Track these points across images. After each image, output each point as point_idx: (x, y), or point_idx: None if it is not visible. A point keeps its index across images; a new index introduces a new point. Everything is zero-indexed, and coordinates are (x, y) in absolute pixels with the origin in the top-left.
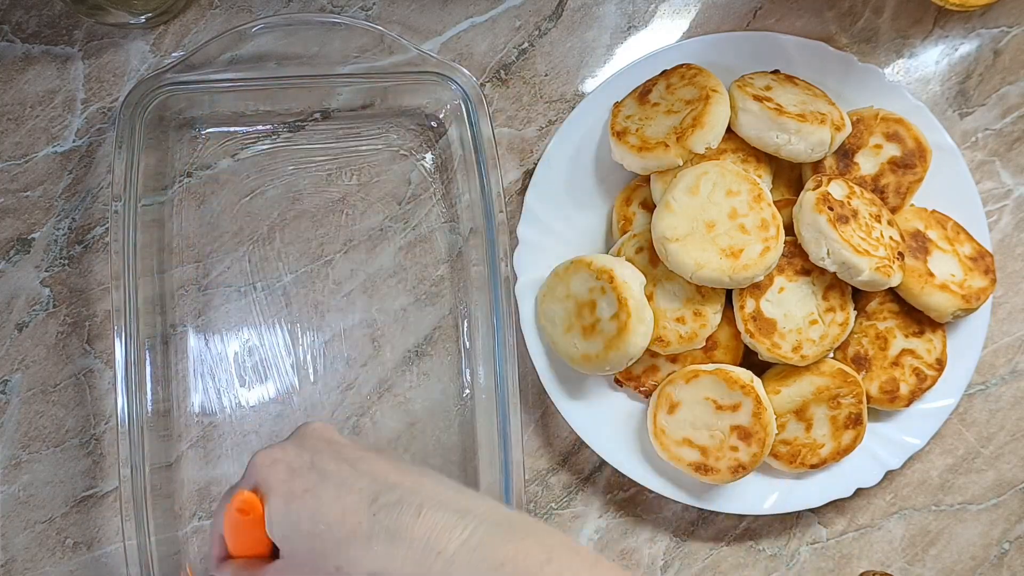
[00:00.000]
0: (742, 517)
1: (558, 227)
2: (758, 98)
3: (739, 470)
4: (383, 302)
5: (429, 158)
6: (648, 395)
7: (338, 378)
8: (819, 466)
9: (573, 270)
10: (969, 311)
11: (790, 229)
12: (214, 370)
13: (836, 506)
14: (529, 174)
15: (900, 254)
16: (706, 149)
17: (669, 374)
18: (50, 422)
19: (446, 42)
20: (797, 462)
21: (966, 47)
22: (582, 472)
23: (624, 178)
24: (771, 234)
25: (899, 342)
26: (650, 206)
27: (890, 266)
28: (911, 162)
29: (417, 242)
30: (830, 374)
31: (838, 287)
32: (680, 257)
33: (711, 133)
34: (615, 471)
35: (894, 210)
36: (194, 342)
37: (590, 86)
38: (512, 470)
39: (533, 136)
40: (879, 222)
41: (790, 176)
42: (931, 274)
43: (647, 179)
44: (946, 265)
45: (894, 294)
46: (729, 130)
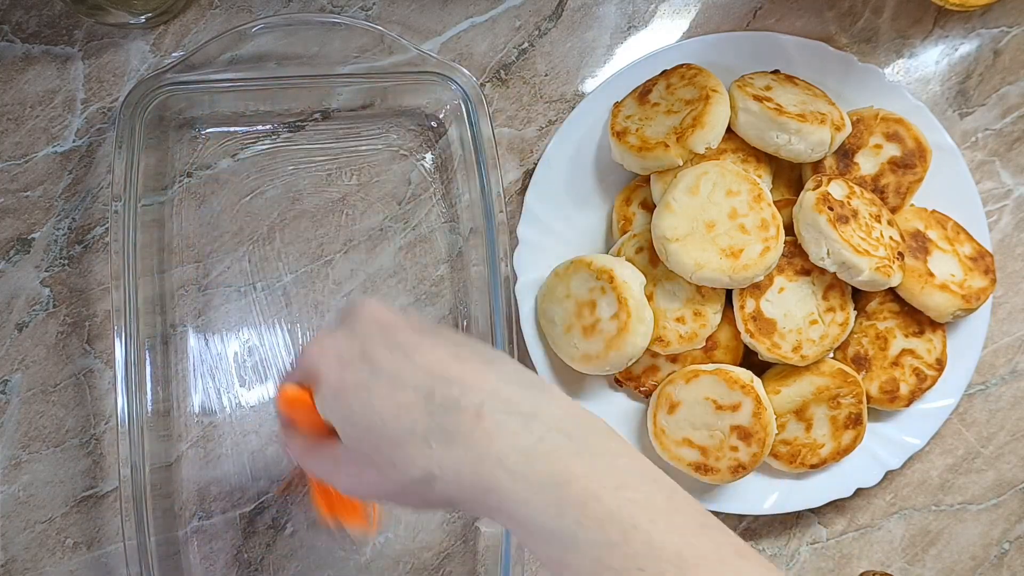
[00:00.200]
0: (742, 517)
1: (558, 227)
2: (758, 98)
3: (739, 470)
4: (383, 302)
5: (429, 158)
6: (648, 395)
7: None
8: (819, 466)
9: (573, 270)
10: (969, 311)
11: (790, 229)
12: (214, 370)
13: (836, 506)
14: (529, 174)
15: (900, 254)
16: (706, 149)
17: (669, 374)
18: (50, 422)
19: (446, 42)
20: (797, 462)
21: (966, 47)
22: None
23: (624, 178)
24: (771, 234)
25: (899, 342)
26: (650, 206)
27: (890, 266)
28: (911, 162)
29: (417, 242)
30: (830, 374)
31: (838, 287)
32: (680, 257)
33: (711, 133)
34: None
35: (894, 210)
36: (194, 342)
37: (590, 86)
38: None
39: (533, 136)
40: (879, 222)
41: (790, 176)
42: (931, 274)
43: (647, 179)
44: (946, 265)
45: (894, 294)
46: (729, 130)
